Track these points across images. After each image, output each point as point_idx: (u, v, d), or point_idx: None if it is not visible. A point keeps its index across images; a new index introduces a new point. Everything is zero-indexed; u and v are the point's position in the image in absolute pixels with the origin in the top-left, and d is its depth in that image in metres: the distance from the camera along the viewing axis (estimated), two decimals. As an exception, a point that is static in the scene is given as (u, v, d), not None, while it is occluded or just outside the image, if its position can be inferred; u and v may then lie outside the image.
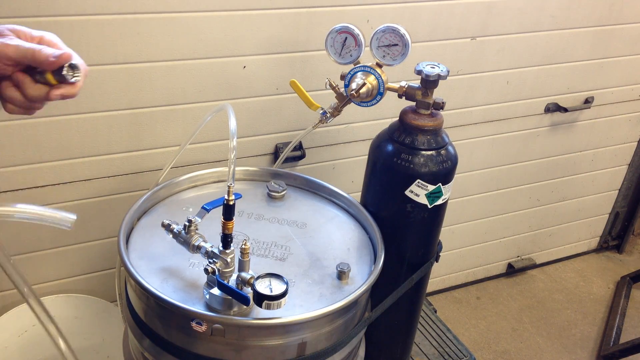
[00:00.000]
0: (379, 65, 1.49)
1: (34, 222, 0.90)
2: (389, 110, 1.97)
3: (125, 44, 1.61)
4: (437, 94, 1.50)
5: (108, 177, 1.78)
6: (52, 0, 1.48)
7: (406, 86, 1.50)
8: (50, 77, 0.85)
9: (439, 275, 2.71)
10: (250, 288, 1.13)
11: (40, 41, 0.87)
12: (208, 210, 1.23)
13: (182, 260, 1.31)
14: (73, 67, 0.85)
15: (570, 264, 3.07)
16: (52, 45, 0.86)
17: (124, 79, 1.66)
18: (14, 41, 0.84)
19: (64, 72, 0.84)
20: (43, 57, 0.83)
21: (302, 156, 2.00)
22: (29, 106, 0.88)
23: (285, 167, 1.95)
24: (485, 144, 2.40)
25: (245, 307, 1.17)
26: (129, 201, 1.58)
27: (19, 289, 0.91)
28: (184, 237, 1.22)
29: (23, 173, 1.66)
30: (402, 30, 1.44)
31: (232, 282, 1.17)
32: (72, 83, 0.85)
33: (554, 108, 2.44)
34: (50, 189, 1.72)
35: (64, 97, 0.87)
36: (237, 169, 1.61)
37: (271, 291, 1.11)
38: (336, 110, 1.59)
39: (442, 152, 1.49)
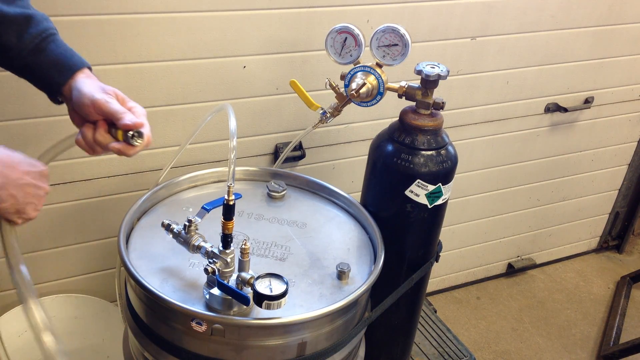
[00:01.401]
0: (379, 65, 1.50)
1: None
2: (389, 110, 1.97)
3: (125, 44, 1.61)
4: (437, 94, 1.50)
5: (108, 177, 1.78)
6: (52, 0, 1.49)
7: (406, 86, 1.50)
8: (119, 134, 1.07)
9: (439, 275, 2.71)
10: (250, 288, 1.13)
11: (130, 109, 1.09)
12: (208, 210, 1.23)
13: (182, 260, 1.31)
14: (139, 135, 1.06)
15: (570, 264, 3.07)
16: (135, 114, 1.09)
17: (124, 79, 1.66)
18: (111, 101, 1.07)
19: (130, 134, 1.06)
20: (121, 119, 1.06)
21: (302, 156, 2.00)
22: (93, 146, 1.10)
23: (285, 167, 1.95)
24: (485, 144, 2.40)
25: (245, 307, 1.17)
26: (129, 201, 1.58)
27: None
28: (184, 237, 1.22)
29: (23, 173, 1.66)
30: (402, 30, 1.44)
31: (232, 282, 1.17)
32: (132, 145, 1.07)
33: (554, 108, 2.44)
34: (51, 189, 1.71)
35: (119, 152, 1.08)
36: (237, 169, 1.61)
37: (271, 291, 1.11)
38: (336, 110, 1.59)
39: (442, 152, 1.49)
